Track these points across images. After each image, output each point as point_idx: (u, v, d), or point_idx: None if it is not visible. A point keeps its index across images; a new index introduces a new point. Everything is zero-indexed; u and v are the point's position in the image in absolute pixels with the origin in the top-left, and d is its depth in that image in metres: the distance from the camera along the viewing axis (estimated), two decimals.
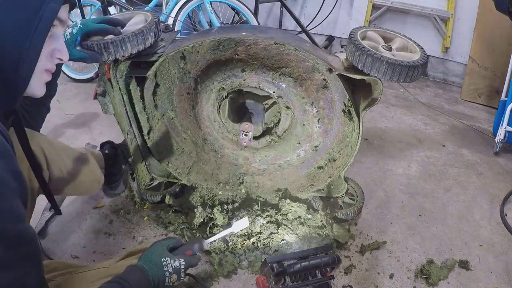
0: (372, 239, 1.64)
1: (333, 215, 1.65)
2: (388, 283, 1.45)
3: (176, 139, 1.74)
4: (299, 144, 1.72)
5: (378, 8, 3.50)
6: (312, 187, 1.67)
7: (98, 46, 1.23)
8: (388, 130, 2.59)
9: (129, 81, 1.47)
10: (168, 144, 1.72)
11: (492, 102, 3.10)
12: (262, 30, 1.66)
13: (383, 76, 1.27)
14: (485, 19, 3.02)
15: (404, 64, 1.24)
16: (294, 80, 1.56)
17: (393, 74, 1.25)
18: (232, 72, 1.57)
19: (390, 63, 1.24)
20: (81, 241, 1.53)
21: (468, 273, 1.52)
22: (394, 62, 1.24)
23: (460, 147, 2.45)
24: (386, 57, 1.25)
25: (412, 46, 1.40)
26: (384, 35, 1.46)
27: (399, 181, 2.05)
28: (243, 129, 1.61)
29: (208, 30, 1.62)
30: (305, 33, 3.20)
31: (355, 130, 1.48)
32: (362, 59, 1.26)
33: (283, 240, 1.55)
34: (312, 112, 1.63)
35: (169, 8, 2.79)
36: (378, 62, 1.24)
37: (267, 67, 1.54)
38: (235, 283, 1.41)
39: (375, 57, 1.24)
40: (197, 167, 1.75)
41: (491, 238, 1.71)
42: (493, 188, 2.05)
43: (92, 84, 3.01)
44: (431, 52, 3.47)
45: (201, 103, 1.70)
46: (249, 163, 1.79)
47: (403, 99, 3.14)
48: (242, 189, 1.71)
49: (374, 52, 1.25)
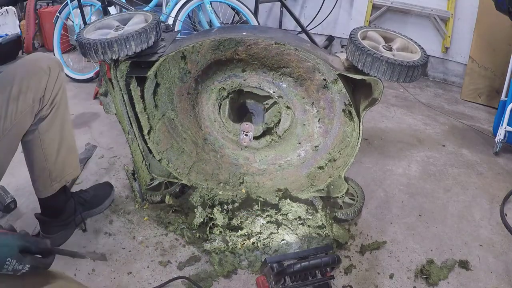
0: (372, 239, 1.64)
1: (333, 215, 1.65)
2: (388, 283, 1.45)
3: (177, 139, 1.74)
4: (300, 144, 1.72)
5: (378, 8, 3.50)
6: (312, 187, 1.67)
7: (102, 44, 1.23)
8: (388, 130, 2.59)
9: (130, 81, 1.47)
10: (168, 144, 1.72)
11: (492, 102, 3.10)
12: (263, 30, 1.66)
13: (382, 76, 1.27)
14: (485, 19, 3.02)
15: (403, 64, 1.24)
16: (294, 80, 1.56)
17: (392, 74, 1.26)
18: (232, 72, 1.57)
19: (389, 63, 1.24)
20: (81, 241, 1.53)
21: (468, 273, 1.52)
22: (393, 62, 1.24)
23: (460, 147, 2.45)
24: (385, 57, 1.25)
25: (413, 46, 1.40)
26: (385, 35, 1.46)
27: (399, 181, 2.05)
28: (244, 129, 1.61)
29: (208, 30, 1.62)
30: (305, 33, 3.20)
31: (355, 130, 1.48)
32: (362, 58, 1.27)
33: (283, 240, 1.55)
34: (312, 112, 1.63)
35: (169, 8, 2.79)
36: (377, 62, 1.25)
37: (268, 67, 1.54)
38: (235, 283, 1.41)
39: (375, 56, 1.24)
40: (198, 167, 1.75)
41: (491, 238, 1.71)
42: (493, 188, 2.05)
43: (92, 84, 3.01)
44: (431, 52, 3.47)
45: (202, 103, 1.70)
46: (250, 163, 1.79)
47: (403, 99, 3.14)
48: (242, 189, 1.71)
49: (373, 52, 1.25)
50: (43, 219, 1.47)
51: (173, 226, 1.60)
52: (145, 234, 1.59)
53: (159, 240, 1.56)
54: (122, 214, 1.68)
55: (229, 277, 1.43)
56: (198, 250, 1.52)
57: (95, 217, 1.65)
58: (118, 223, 1.64)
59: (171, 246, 1.54)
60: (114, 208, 1.70)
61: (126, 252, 1.50)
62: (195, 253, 1.51)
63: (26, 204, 1.69)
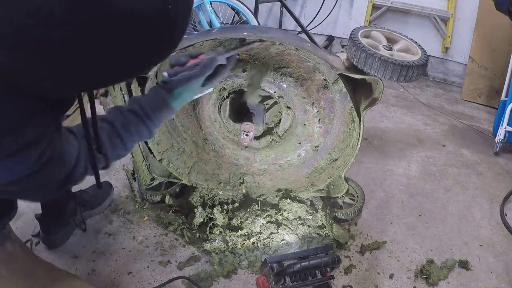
0: (372, 239, 1.64)
1: (333, 215, 1.65)
2: (388, 283, 1.45)
3: (177, 139, 1.74)
4: (300, 144, 1.72)
5: (378, 8, 3.50)
6: (312, 187, 1.67)
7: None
8: (388, 130, 2.59)
9: (130, 81, 1.47)
10: (168, 144, 1.72)
11: (492, 102, 3.10)
12: (263, 30, 1.66)
13: (375, 73, 1.30)
14: (485, 19, 3.02)
15: (396, 63, 1.26)
16: (295, 80, 1.56)
17: (385, 72, 1.28)
18: (233, 72, 1.57)
19: (382, 60, 1.26)
20: (81, 241, 1.53)
21: (468, 273, 1.52)
22: (386, 59, 1.26)
23: (460, 147, 2.45)
24: (378, 54, 1.27)
25: (415, 48, 1.41)
26: (389, 36, 1.48)
27: (399, 181, 2.05)
28: (244, 129, 1.61)
29: (209, 30, 1.62)
30: (305, 33, 3.19)
31: (356, 130, 1.48)
32: (357, 54, 1.30)
33: (283, 240, 1.55)
34: (312, 112, 1.63)
35: None
36: (370, 59, 1.28)
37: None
38: (235, 283, 1.41)
39: (368, 53, 1.27)
40: (198, 167, 1.75)
41: (491, 238, 1.71)
42: (493, 188, 2.05)
43: None
44: (431, 52, 3.47)
45: (202, 103, 1.70)
46: (250, 163, 1.79)
47: (403, 99, 3.14)
48: (243, 189, 1.71)
49: (368, 49, 1.28)
50: (44, 219, 1.47)
51: (173, 226, 1.60)
52: (145, 234, 1.59)
53: (159, 240, 1.56)
54: (122, 214, 1.67)
55: (229, 277, 1.43)
56: (198, 250, 1.52)
57: (95, 217, 1.65)
58: (118, 223, 1.64)
59: (171, 246, 1.54)
60: (114, 208, 1.70)
61: (126, 252, 1.50)
62: (195, 253, 1.51)
63: (26, 204, 1.69)
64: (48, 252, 1.46)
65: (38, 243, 1.50)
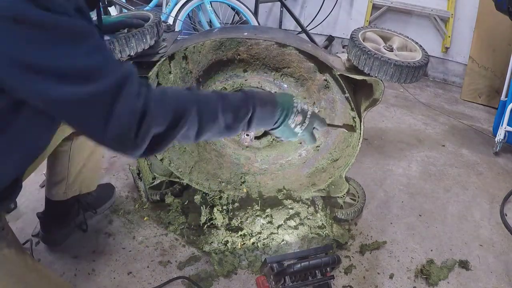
0: (372, 239, 1.64)
1: (333, 215, 1.65)
2: (388, 283, 1.45)
3: None
4: (301, 144, 1.72)
5: (378, 8, 3.50)
6: (313, 187, 1.67)
7: (120, 41, 1.23)
8: (388, 130, 2.59)
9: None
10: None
11: (492, 102, 3.10)
12: (264, 30, 1.66)
13: (390, 79, 1.28)
14: (485, 19, 3.02)
15: (411, 66, 1.25)
16: (295, 80, 1.56)
17: (400, 76, 1.27)
18: (233, 72, 1.57)
19: (397, 65, 1.25)
20: (81, 241, 1.53)
21: (468, 273, 1.52)
22: (401, 64, 1.25)
23: (460, 147, 2.45)
24: (393, 60, 1.26)
25: (411, 44, 1.41)
26: (382, 35, 1.47)
27: (399, 181, 2.05)
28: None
29: (209, 30, 1.62)
30: (305, 33, 3.19)
31: (356, 130, 1.48)
32: (369, 62, 1.27)
33: (283, 240, 1.55)
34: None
35: (169, 8, 2.79)
36: (386, 65, 1.25)
37: (269, 67, 1.54)
38: (235, 283, 1.41)
39: (383, 60, 1.25)
40: (199, 167, 1.75)
41: (491, 238, 1.71)
42: (493, 188, 2.05)
43: None
44: (431, 52, 3.46)
45: None
46: (251, 163, 1.79)
47: (403, 99, 3.14)
48: (244, 189, 1.71)
49: (381, 55, 1.26)
50: (45, 218, 1.47)
51: (173, 226, 1.60)
52: (145, 234, 1.59)
53: (159, 240, 1.56)
54: (122, 214, 1.67)
55: (229, 277, 1.43)
56: (198, 250, 1.52)
57: (95, 217, 1.65)
58: (118, 223, 1.64)
59: (171, 246, 1.54)
60: (114, 208, 1.70)
61: (126, 252, 1.50)
62: (195, 253, 1.51)
63: (26, 204, 1.69)
64: (48, 252, 1.46)
65: (38, 243, 1.50)
